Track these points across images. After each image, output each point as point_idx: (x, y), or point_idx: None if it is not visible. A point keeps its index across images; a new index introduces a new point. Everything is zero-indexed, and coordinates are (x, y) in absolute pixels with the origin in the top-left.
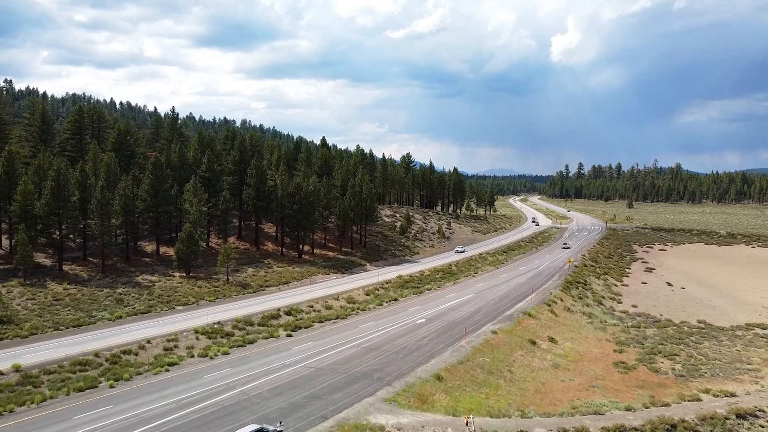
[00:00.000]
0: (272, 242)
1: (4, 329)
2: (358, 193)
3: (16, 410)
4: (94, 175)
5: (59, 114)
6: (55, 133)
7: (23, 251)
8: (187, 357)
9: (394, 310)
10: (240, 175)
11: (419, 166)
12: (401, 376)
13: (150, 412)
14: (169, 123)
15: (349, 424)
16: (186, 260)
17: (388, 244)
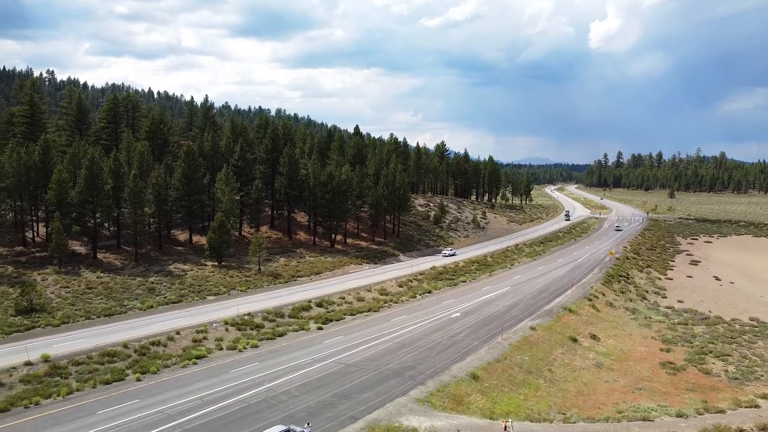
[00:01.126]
0: (304, 232)
1: (37, 317)
2: (391, 182)
3: (41, 403)
4: (128, 163)
5: (99, 104)
6: (91, 122)
7: (58, 239)
8: (215, 350)
9: (428, 303)
10: (272, 164)
11: (454, 155)
12: (435, 374)
13: (174, 408)
14: (202, 112)
15: (380, 426)
16: (218, 249)
17: (421, 234)
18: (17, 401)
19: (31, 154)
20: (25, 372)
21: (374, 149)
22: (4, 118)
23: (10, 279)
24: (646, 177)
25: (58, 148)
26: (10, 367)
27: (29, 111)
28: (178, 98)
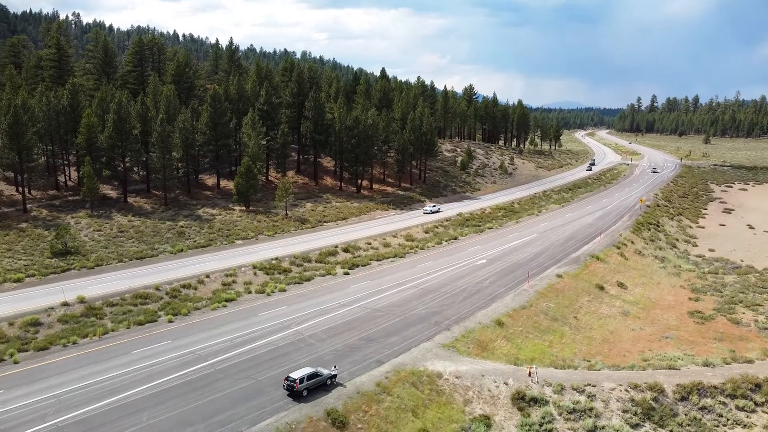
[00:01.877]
0: (331, 177)
1: (72, 260)
2: (417, 127)
3: (78, 342)
4: (155, 107)
5: (125, 47)
6: (117, 66)
7: (89, 183)
8: (244, 293)
9: (454, 249)
10: (298, 108)
11: (482, 99)
12: (460, 320)
13: (206, 349)
14: (227, 55)
15: (406, 370)
16: (245, 194)
17: (448, 180)
18: (56, 340)
19: (60, 98)
20: (62, 312)
21: (401, 93)
22: (33, 62)
23: (45, 222)
24: (681, 122)
25: (86, 92)
26: (48, 308)
27: (56, 55)
28: (203, 41)
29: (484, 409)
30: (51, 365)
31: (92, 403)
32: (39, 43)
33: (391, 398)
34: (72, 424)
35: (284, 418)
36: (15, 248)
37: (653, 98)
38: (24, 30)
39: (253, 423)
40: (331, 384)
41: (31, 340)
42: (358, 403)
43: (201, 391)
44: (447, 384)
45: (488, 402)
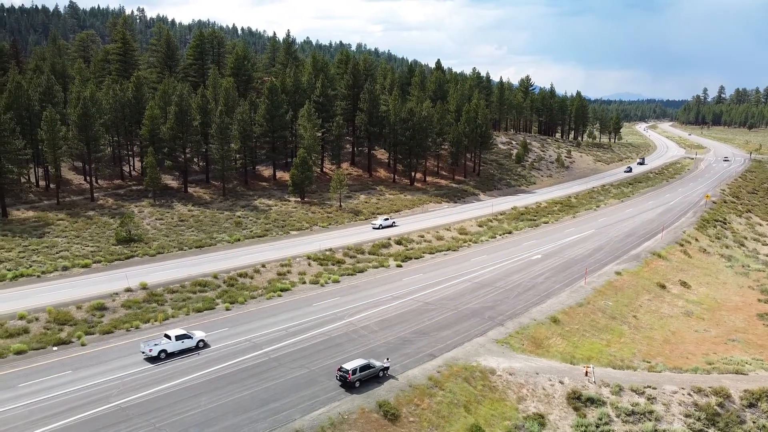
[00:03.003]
0: (384, 169)
1: (135, 247)
2: (472, 119)
3: (141, 327)
4: (214, 100)
5: (186, 41)
6: (179, 59)
7: (152, 173)
8: (298, 283)
9: (508, 243)
10: (353, 100)
11: (539, 90)
12: (514, 316)
13: (261, 337)
14: (284, 47)
15: (458, 365)
16: (300, 185)
17: (502, 173)
18: (120, 324)
19: (125, 91)
20: (126, 298)
21: (456, 85)
22: (100, 56)
23: (111, 210)
24: (751, 114)
25: (149, 85)
26: (113, 293)
27: (122, 49)
28: (261, 34)
29: (538, 408)
30: (115, 348)
31: (154, 386)
32: (106, 38)
33: (443, 392)
34: (134, 405)
35: (336, 408)
36: (83, 235)
37: (721, 89)
38: (92, 25)
39: (306, 411)
40: (383, 376)
41: (96, 323)
42: (410, 397)
43: (256, 378)
44: (500, 380)
45: (542, 400)
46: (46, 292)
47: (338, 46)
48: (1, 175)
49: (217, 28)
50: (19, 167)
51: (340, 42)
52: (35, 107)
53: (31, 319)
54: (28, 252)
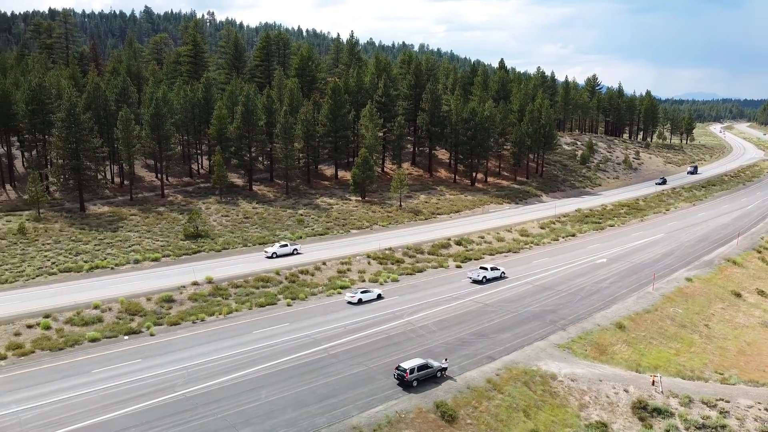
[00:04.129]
0: (445, 169)
1: (202, 243)
2: (536, 119)
3: (206, 319)
4: (279, 100)
5: (253, 43)
6: (246, 61)
7: (219, 172)
8: (358, 281)
9: (571, 246)
10: (415, 100)
11: (606, 90)
12: (577, 320)
13: (320, 333)
14: (347, 48)
15: (518, 369)
16: (361, 185)
17: (566, 174)
18: (186, 316)
19: (195, 91)
20: (192, 291)
21: (519, 84)
22: (172, 58)
23: (180, 207)
24: None
25: (217, 86)
26: (180, 286)
27: (193, 51)
28: (325, 35)
29: (600, 416)
30: (181, 339)
31: (217, 377)
32: (178, 41)
33: (502, 396)
34: (198, 395)
35: (394, 407)
36: (154, 230)
37: None
38: (166, 29)
39: (363, 409)
40: (441, 377)
41: (165, 315)
42: (468, 398)
43: (315, 373)
44: (561, 386)
45: (606, 408)
46: (119, 284)
47: (401, 47)
48: (80, 171)
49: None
50: (96, 164)
51: (403, 42)
52: (112, 107)
53: (105, 309)
54: (103, 245)
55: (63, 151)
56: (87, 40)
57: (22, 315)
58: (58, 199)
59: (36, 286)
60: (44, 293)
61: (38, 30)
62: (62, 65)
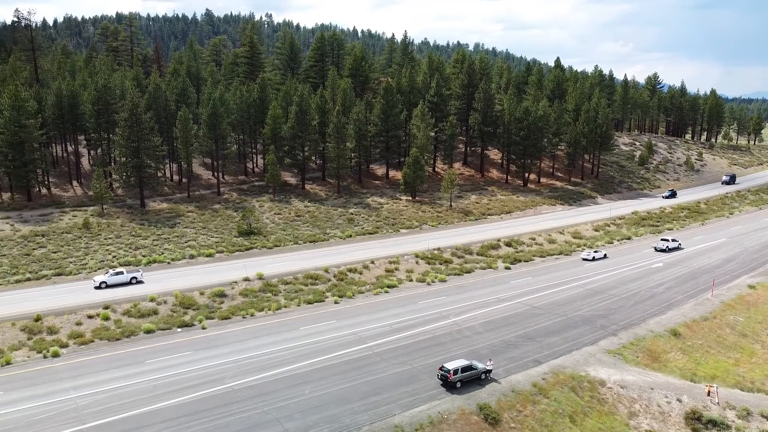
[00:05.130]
0: (497, 169)
1: (254, 240)
2: (592, 119)
3: (255, 314)
4: (332, 100)
5: (309, 44)
6: (301, 61)
7: (272, 170)
8: (405, 281)
9: (626, 250)
10: (467, 100)
11: (667, 89)
12: (629, 326)
13: (366, 332)
14: (401, 48)
15: (565, 373)
16: (412, 184)
17: (623, 176)
18: (237, 311)
19: (251, 92)
20: (243, 287)
21: (575, 83)
22: (230, 59)
23: (234, 204)
24: None
25: (273, 86)
26: (232, 282)
27: (250, 52)
28: (380, 36)
29: (651, 425)
30: (231, 333)
31: (264, 372)
32: (236, 43)
33: (548, 401)
34: (245, 388)
35: (437, 407)
36: (209, 226)
37: None
38: (225, 31)
39: (406, 408)
40: (485, 379)
41: (217, 309)
42: (512, 402)
43: (359, 371)
44: (610, 393)
45: (657, 418)
46: (174, 278)
47: (455, 46)
48: (141, 169)
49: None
50: (156, 163)
51: (458, 42)
52: (171, 107)
53: (160, 302)
54: (161, 240)
55: (125, 150)
56: (151, 42)
57: (83, 306)
58: (120, 196)
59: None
60: None
61: (105, 33)
62: (127, 67)
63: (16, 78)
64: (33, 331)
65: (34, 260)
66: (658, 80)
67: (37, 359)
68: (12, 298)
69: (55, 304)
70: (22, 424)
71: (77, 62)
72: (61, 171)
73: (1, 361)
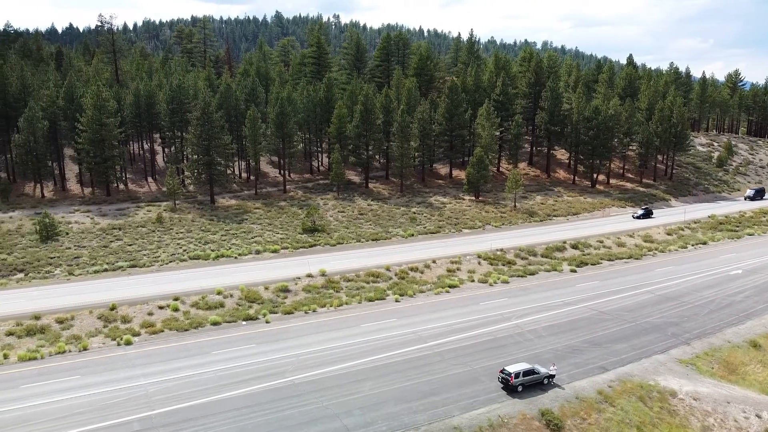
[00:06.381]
0: (564, 170)
1: (318, 237)
2: (666, 118)
3: (317, 310)
4: (397, 99)
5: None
6: (367, 61)
7: (337, 169)
8: (467, 281)
9: (701, 255)
10: (534, 98)
11: (750, 86)
12: (704, 335)
13: (426, 331)
14: (467, 47)
15: (633, 382)
16: (476, 184)
17: (700, 178)
18: (299, 306)
19: (317, 91)
20: (306, 283)
21: (649, 81)
22: (297, 59)
23: (299, 202)
24: None
25: (338, 86)
26: (295, 277)
27: (317, 52)
28: (446, 35)
29: None
30: (293, 328)
31: (324, 367)
32: (305, 44)
33: (614, 410)
34: (305, 383)
35: (496, 411)
36: (275, 223)
37: None
38: (294, 32)
39: (465, 410)
40: (548, 384)
41: (280, 304)
42: (576, 409)
43: (419, 370)
44: (682, 405)
45: None
46: (240, 272)
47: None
48: (212, 166)
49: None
50: (226, 160)
51: (525, 40)
52: (241, 107)
53: (227, 295)
54: (229, 236)
55: (197, 147)
56: (223, 44)
57: (155, 297)
58: (191, 192)
59: (169, 270)
60: (175, 278)
61: (180, 36)
62: (200, 68)
63: (99, 79)
64: (108, 320)
65: (111, 252)
66: (740, 77)
67: (112, 346)
68: (90, 287)
69: (129, 294)
70: (97, 408)
71: (154, 64)
72: (137, 167)
73: (79, 347)
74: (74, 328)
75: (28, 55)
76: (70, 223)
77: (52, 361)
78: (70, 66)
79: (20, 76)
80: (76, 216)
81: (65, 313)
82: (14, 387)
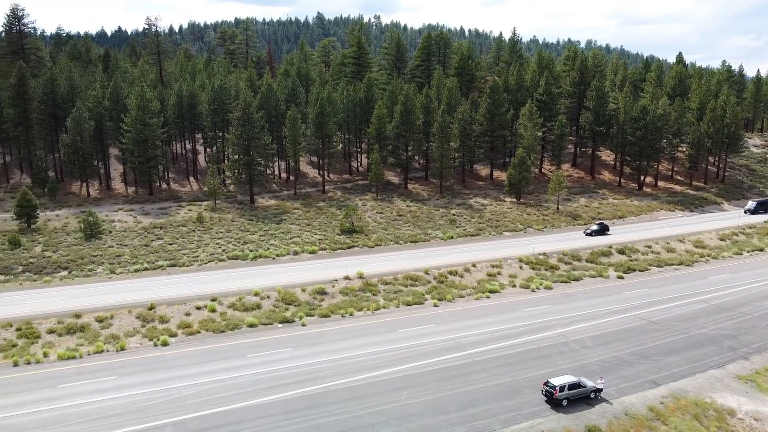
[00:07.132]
0: (609, 171)
1: (356, 238)
2: (718, 118)
3: (354, 314)
4: (437, 99)
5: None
6: (407, 61)
7: (376, 170)
8: (508, 286)
9: (758, 263)
10: (578, 98)
11: None
12: (764, 349)
13: (466, 338)
14: (509, 46)
15: (687, 399)
16: (517, 186)
17: (754, 180)
18: (336, 309)
19: (357, 91)
20: (343, 285)
21: (699, 80)
22: (338, 60)
23: (338, 203)
24: None
25: (379, 86)
26: (333, 279)
27: (357, 53)
28: (487, 35)
29: None
30: (330, 332)
31: (360, 373)
32: (345, 44)
33: (666, 428)
34: (342, 389)
35: (540, 425)
36: (313, 224)
37: None
38: (335, 33)
39: (506, 423)
40: (595, 398)
41: (317, 306)
42: (626, 426)
43: (457, 380)
44: (741, 425)
45: None
46: (278, 273)
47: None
48: (252, 166)
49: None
50: (266, 160)
51: (569, 39)
52: (281, 107)
53: (264, 297)
54: (267, 236)
55: (237, 147)
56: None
57: (193, 297)
58: (232, 192)
59: (207, 270)
60: (213, 278)
61: (224, 37)
62: (242, 69)
63: (143, 80)
64: (146, 319)
65: (151, 251)
66: None
67: (149, 347)
68: (130, 286)
69: (168, 293)
70: (132, 410)
71: (197, 65)
72: (179, 167)
73: (117, 347)
74: (113, 327)
75: (78, 57)
76: (114, 221)
77: (90, 361)
78: (116, 67)
79: (68, 78)
80: (119, 215)
81: (105, 311)
82: (53, 386)
